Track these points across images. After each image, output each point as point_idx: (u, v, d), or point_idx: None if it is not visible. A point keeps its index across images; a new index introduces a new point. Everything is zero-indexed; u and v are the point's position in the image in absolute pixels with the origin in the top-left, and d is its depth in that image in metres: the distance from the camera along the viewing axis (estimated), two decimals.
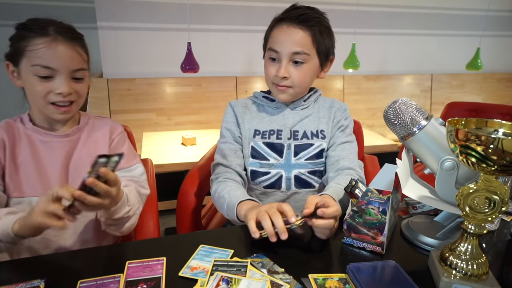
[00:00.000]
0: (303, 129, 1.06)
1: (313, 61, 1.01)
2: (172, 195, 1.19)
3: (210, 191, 1.03)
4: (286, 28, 0.98)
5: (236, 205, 0.87)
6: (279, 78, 1.00)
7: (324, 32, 1.00)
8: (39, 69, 0.82)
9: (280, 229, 0.70)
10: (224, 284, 0.62)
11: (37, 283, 0.61)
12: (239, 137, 1.07)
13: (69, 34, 0.85)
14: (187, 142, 2.20)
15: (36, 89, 0.84)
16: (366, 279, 0.63)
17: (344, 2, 2.87)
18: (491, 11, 3.22)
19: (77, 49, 0.86)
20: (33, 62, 0.82)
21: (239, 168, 1.04)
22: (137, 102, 2.62)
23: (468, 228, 0.62)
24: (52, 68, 0.83)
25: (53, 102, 0.85)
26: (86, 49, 0.90)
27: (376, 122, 3.16)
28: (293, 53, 0.97)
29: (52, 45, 0.82)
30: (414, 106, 0.79)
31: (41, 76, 0.83)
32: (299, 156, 1.04)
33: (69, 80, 0.85)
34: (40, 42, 0.82)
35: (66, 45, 0.84)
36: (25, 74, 0.85)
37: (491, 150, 0.53)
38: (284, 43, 0.98)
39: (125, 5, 2.46)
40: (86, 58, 0.90)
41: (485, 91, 3.52)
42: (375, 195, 0.72)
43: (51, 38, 0.83)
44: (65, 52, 0.84)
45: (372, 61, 3.14)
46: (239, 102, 1.12)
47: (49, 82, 0.84)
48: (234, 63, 2.80)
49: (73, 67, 0.85)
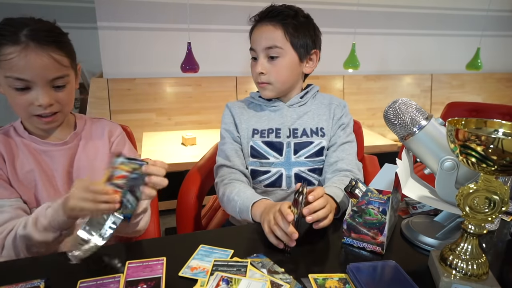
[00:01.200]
0: (303, 126, 1.06)
1: (288, 56, 1.01)
2: (172, 195, 1.19)
3: (216, 194, 1.03)
4: (259, 26, 1.02)
5: (250, 208, 0.87)
6: (257, 75, 1.02)
7: (300, 27, 1.01)
8: (13, 81, 0.75)
9: (290, 232, 0.72)
10: (224, 284, 0.62)
11: (37, 283, 0.61)
12: (238, 137, 1.08)
13: (43, 39, 0.76)
14: (187, 142, 2.20)
15: (15, 101, 0.78)
16: (366, 279, 0.63)
17: (344, 2, 2.87)
18: (491, 11, 3.22)
19: (52, 55, 0.77)
20: (6, 73, 0.75)
21: (242, 167, 1.04)
22: (137, 102, 2.62)
23: (468, 228, 0.62)
24: (26, 80, 0.75)
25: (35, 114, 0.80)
26: (67, 51, 0.81)
27: (376, 122, 3.16)
28: (266, 48, 1.00)
29: (22, 54, 0.73)
30: (414, 106, 0.79)
31: (17, 88, 0.76)
32: (299, 154, 1.04)
33: (49, 89, 0.78)
34: (10, 51, 0.73)
35: (39, 53, 0.75)
36: (2, 85, 0.78)
37: (491, 150, 0.53)
38: (257, 40, 1.02)
39: (125, 5, 2.46)
40: (67, 62, 0.81)
41: (485, 91, 3.52)
42: (375, 195, 0.72)
43: (22, 46, 0.74)
44: (38, 61, 0.75)
45: (372, 61, 3.13)
46: (236, 103, 1.12)
47: (27, 94, 0.77)
48: (234, 63, 2.80)
49: (49, 76, 0.77)
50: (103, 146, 0.95)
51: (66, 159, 0.89)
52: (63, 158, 0.89)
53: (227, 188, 0.97)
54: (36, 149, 0.87)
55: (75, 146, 0.91)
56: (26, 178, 0.85)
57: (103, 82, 2.52)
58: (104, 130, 0.97)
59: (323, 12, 2.78)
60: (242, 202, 0.90)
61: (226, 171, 1.03)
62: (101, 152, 0.95)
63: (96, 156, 0.94)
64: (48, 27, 0.80)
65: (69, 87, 0.83)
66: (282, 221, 0.73)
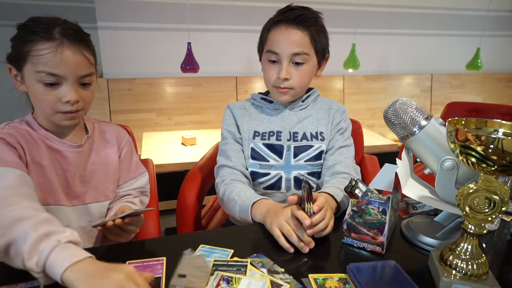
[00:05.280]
0: (303, 130, 1.06)
1: (312, 61, 1.01)
2: (172, 195, 1.19)
3: (217, 194, 1.03)
4: (284, 30, 0.98)
5: (250, 208, 0.87)
6: (280, 80, 1.00)
7: (320, 31, 1.01)
8: (45, 76, 0.77)
9: (307, 241, 0.73)
10: (224, 283, 0.62)
11: (37, 283, 0.61)
12: (240, 138, 1.07)
13: (76, 37, 0.79)
14: (187, 142, 2.21)
15: (42, 97, 0.79)
16: (366, 279, 0.63)
17: (344, 2, 2.87)
18: (491, 11, 3.22)
19: (84, 53, 0.80)
20: (37, 68, 0.76)
21: (243, 168, 1.04)
22: (137, 102, 2.62)
23: (468, 228, 0.62)
24: (58, 75, 0.77)
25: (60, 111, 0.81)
26: (93, 51, 0.85)
27: (376, 122, 3.16)
28: (293, 54, 0.98)
29: (58, 50, 0.76)
30: (414, 106, 0.79)
31: (46, 83, 0.77)
32: (298, 157, 1.04)
33: (77, 87, 0.80)
34: (45, 47, 0.76)
35: (73, 50, 0.78)
36: (29, 80, 0.79)
37: (491, 150, 0.53)
38: (283, 44, 0.98)
39: (125, 5, 2.46)
40: (93, 61, 0.84)
41: (485, 91, 3.52)
42: (375, 195, 0.72)
43: (57, 42, 0.76)
44: (72, 58, 0.78)
45: (372, 61, 3.13)
46: (237, 105, 1.12)
47: (55, 90, 0.79)
48: (234, 63, 2.80)
49: (80, 73, 0.80)
50: (113, 151, 0.96)
51: (79, 162, 0.89)
52: (77, 161, 0.89)
53: (228, 188, 0.97)
54: (52, 146, 0.86)
55: (88, 149, 0.92)
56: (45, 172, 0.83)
57: (103, 82, 2.52)
58: (113, 135, 0.98)
59: (323, 12, 2.79)
60: (242, 202, 0.90)
61: (227, 172, 1.02)
62: (112, 157, 0.96)
63: (107, 160, 0.95)
64: (76, 26, 0.83)
65: (93, 86, 0.85)
66: (299, 229, 0.74)
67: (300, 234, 0.74)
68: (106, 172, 0.93)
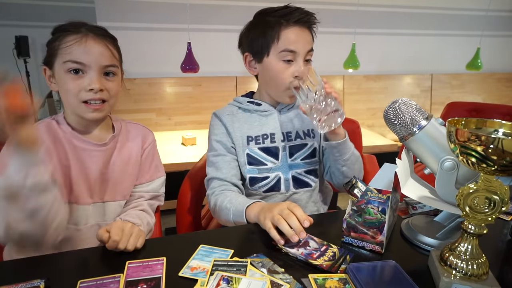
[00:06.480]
0: (295, 129, 1.07)
1: None
2: (172, 195, 1.19)
3: (208, 206, 1.02)
4: (298, 30, 0.99)
5: (244, 211, 0.87)
6: (294, 79, 0.98)
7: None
8: (70, 64, 0.83)
9: (298, 230, 0.73)
10: (224, 283, 0.62)
11: (37, 283, 0.61)
12: (232, 147, 1.05)
13: (100, 31, 0.87)
14: (187, 142, 2.21)
15: (68, 87, 0.84)
16: (366, 279, 0.63)
17: (344, 2, 2.87)
18: (491, 11, 3.22)
19: (107, 45, 0.87)
20: (64, 58, 0.83)
21: (235, 179, 1.02)
22: (137, 102, 2.62)
23: (468, 228, 0.62)
24: (82, 63, 0.83)
25: (85, 101, 0.85)
26: (117, 48, 0.91)
27: (376, 122, 3.16)
28: (307, 52, 1.00)
29: (83, 40, 0.83)
30: (414, 106, 0.79)
31: (72, 71, 0.83)
32: (294, 156, 1.05)
33: (100, 76, 0.86)
34: (71, 39, 0.83)
35: (96, 41, 0.85)
36: (58, 74, 0.85)
37: (491, 150, 0.53)
38: (300, 43, 0.98)
39: (125, 5, 2.46)
40: (117, 57, 0.90)
41: (485, 91, 3.52)
42: (375, 195, 0.72)
43: (82, 34, 0.84)
44: (95, 47, 0.84)
45: (372, 61, 3.13)
46: (224, 111, 1.10)
47: (80, 79, 0.84)
48: (234, 63, 2.80)
49: (103, 63, 0.85)
50: (136, 151, 0.98)
51: (102, 160, 0.91)
52: (100, 159, 0.91)
53: (219, 198, 0.96)
54: (76, 146, 0.89)
55: (112, 148, 0.94)
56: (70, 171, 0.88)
57: None
58: (138, 135, 1.00)
59: (323, 12, 2.78)
60: (235, 208, 0.90)
61: (217, 184, 1.01)
62: (134, 156, 0.97)
63: (129, 160, 0.96)
64: (103, 29, 0.90)
65: (117, 79, 0.90)
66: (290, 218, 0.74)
67: (291, 222, 0.73)
68: (126, 172, 0.95)
